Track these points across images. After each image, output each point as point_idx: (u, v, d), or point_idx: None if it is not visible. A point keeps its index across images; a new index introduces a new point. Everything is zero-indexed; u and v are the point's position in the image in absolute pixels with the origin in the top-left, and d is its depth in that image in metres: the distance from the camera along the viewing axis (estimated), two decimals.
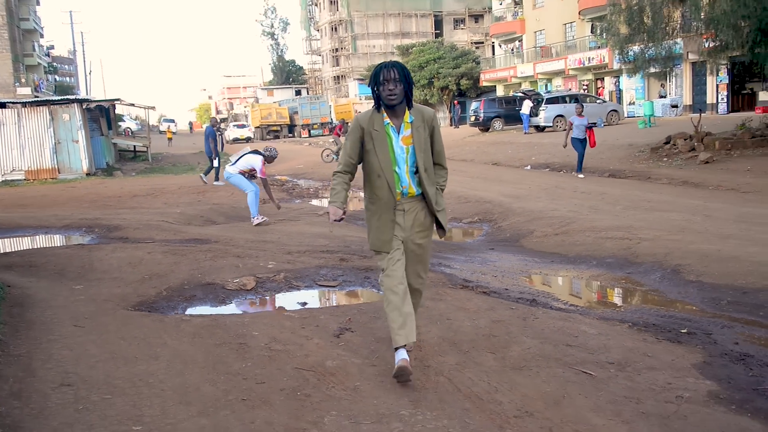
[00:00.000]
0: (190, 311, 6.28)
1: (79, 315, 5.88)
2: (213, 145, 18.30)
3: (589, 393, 3.91)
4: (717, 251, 7.27)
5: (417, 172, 4.18)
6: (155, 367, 4.52)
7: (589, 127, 15.93)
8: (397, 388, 4.06)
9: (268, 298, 6.77)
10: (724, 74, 29.33)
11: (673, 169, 16.08)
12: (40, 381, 4.28)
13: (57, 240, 10.94)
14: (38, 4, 56.39)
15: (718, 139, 17.62)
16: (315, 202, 16.11)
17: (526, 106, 29.91)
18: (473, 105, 34.97)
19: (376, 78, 4.09)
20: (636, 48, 17.22)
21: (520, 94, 33.09)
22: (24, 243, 10.67)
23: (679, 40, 21.85)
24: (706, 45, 17.90)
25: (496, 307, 5.80)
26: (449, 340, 4.95)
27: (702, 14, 15.42)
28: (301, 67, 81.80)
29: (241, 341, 5.03)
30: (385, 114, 4.16)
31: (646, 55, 16.99)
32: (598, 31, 19.10)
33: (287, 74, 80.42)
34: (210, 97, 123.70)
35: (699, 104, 31.51)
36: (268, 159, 10.94)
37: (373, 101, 4.18)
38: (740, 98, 30.60)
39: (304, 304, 6.46)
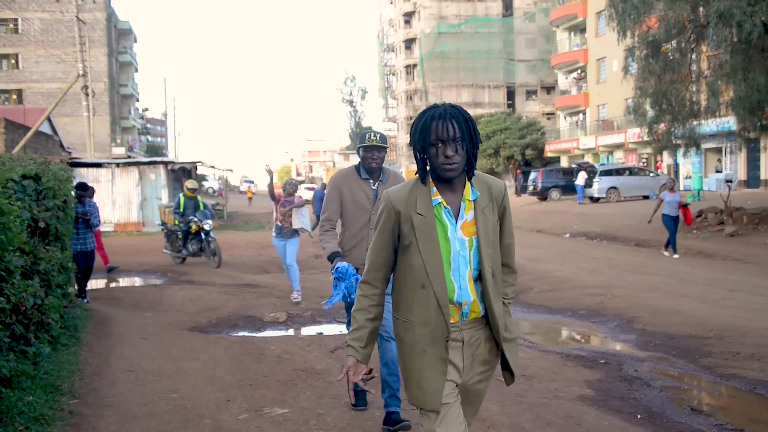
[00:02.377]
0: (230, 333, 8.06)
1: (145, 332, 7.76)
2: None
3: (492, 392, 5.45)
4: (668, 306, 8.64)
5: (481, 278, 2.63)
6: (194, 365, 6.28)
7: (684, 205, 14.74)
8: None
9: (293, 328, 8.48)
10: None
11: (699, 240, 17.13)
12: (113, 368, 6.11)
13: (136, 281, 13.02)
14: (136, 71, 61.22)
15: (746, 214, 18.61)
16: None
17: (581, 177, 31.19)
18: (532, 175, 36.42)
19: (424, 134, 2.59)
20: (662, 127, 18.50)
21: (576, 166, 34.40)
22: (110, 282, 12.79)
23: (731, 117, 22.86)
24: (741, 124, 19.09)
25: None
26: None
27: (720, 99, 16.69)
28: None
29: (260, 352, 6.75)
30: (434, 188, 2.64)
31: (672, 135, 18.27)
32: (630, 112, 20.36)
33: None
34: (292, 160, 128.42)
35: (753, 180, 32.14)
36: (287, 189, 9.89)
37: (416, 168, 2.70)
38: None
39: (320, 333, 8.14)
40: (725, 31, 14.83)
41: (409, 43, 72.89)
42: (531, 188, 35.95)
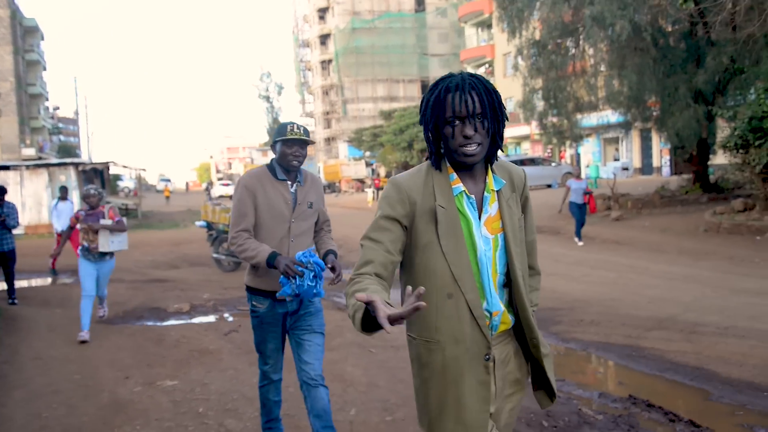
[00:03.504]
0: (135, 324, 8.70)
1: (54, 325, 8.34)
2: None
3: (357, 359, 6.30)
4: None
5: (509, 283, 2.25)
6: (98, 351, 6.94)
7: (588, 193, 15.13)
8: (243, 357, 6.47)
9: (195, 317, 9.17)
10: (665, 140, 32.05)
11: (587, 226, 18.53)
12: (21, 356, 6.73)
13: (48, 280, 13.40)
14: (45, 69, 59.83)
15: (631, 200, 20.16)
16: None
17: None
18: None
19: (437, 109, 2.16)
20: (551, 120, 19.90)
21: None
22: (22, 284, 13.12)
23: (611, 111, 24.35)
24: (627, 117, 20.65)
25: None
26: None
27: (599, 94, 18.15)
28: None
29: (160, 337, 7.44)
30: (454, 175, 2.22)
31: (559, 128, 19.69)
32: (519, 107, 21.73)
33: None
34: (211, 157, 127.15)
35: (647, 167, 34.23)
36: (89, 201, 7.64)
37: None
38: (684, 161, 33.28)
39: (218, 319, 8.86)
40: (600, 33, 16.16)
41: (324, 38, 73.47)
42: None
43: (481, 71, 52.16)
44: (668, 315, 7.57)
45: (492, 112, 2.13)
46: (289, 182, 3.84)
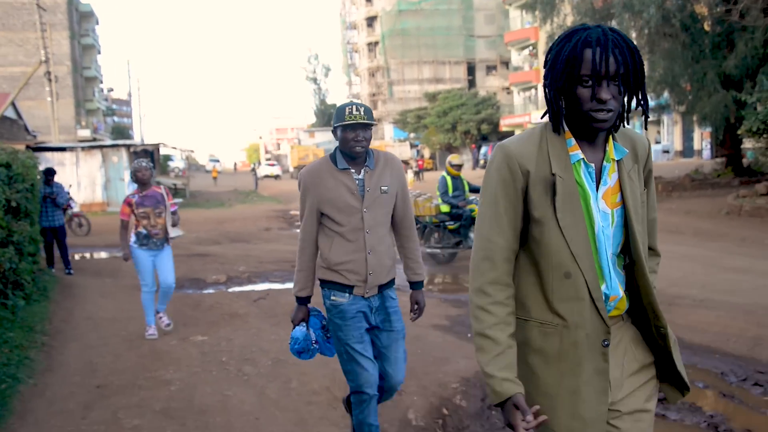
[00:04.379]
0: (177, 293, 9.62)
1: (105, 292, 9.32)
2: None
3: None
4: None
5: (631, 264, 2.02)
6: (142, 313, 7.85)
7: None
8: (267, 319, 7.31)
9: (230, 286, 10.06)
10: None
11: None
12: (76, 317, 7.70)
13: (102, 254, 14.50)
14: (99, 53, 61.69)
15: (662, 182, 20.49)
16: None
17: None
18: (483, 149, 38.21)
19: (571, 66, 1.87)
20: None
21: None
22: (77, 256, 14.25)
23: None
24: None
25: None
26: None
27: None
28: None
29: (197, 303, 8.35)
30: (573, 140, 1.97)
31: None
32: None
33: (328, 117, 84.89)
34: (260, 137, 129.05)
35: (687, 150, 34.18)
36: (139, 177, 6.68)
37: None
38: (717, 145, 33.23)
39: (251, 290, 9.74)
40: (630, 19, 16.55)
41: (370, 20, 74.01)
42: (482, 162, 37.71)
43: (524, 54, 52.20)
44: None
45: (634, 76, 1.87)
46: (353, 170, 3.47)
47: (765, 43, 16.66)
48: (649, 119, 1.99)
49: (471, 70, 72.30)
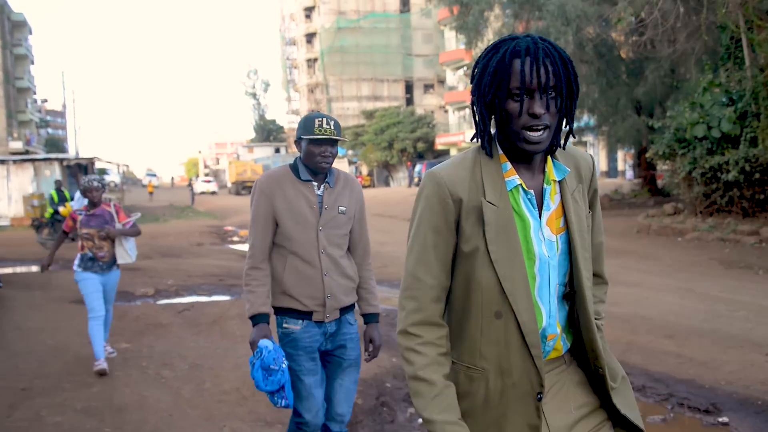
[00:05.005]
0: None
1: (33, 304, 9.62)
2: None
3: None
4: None
5: (572, 296, 1.86)
6: (69, 324, 8.23)
7: None
8: (189, 329, 7.77)
9: (158, 299, 10.45)
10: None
11: None
12: (2, 327, 8.02)
13: (32, 268, 14.66)
14: (33, 63, 60.76)
15: None
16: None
17: None
18: (417, 167, 39.11)
19: (499, 77, 1.71)
20: None
21: None
22: (6, 270, 14.39)
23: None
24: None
25: None
26: None
27: None
28: (281, 126, 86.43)
29: (123, 314, 8.73)
30: (508, 164, 1.80)
31: None
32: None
33: (268, 132, 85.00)
34: (199, 152, 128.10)
35: (612, 170, 35.73)
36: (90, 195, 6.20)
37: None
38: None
39: (178, 302, 10.16)
40: None
41: (310, 37, 74.63)
42: (417, 179, 38.60)
43: (459, 74, 53.57)
44: None
45: (567, 87, 1.71)
46: (315, 183, 3.29)
47: (672, 72, 17.86)
48: (571, 138, 1.82)
49: (409, 88, 73.47)
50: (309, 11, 74.33)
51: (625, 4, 15.71)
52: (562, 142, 1.83)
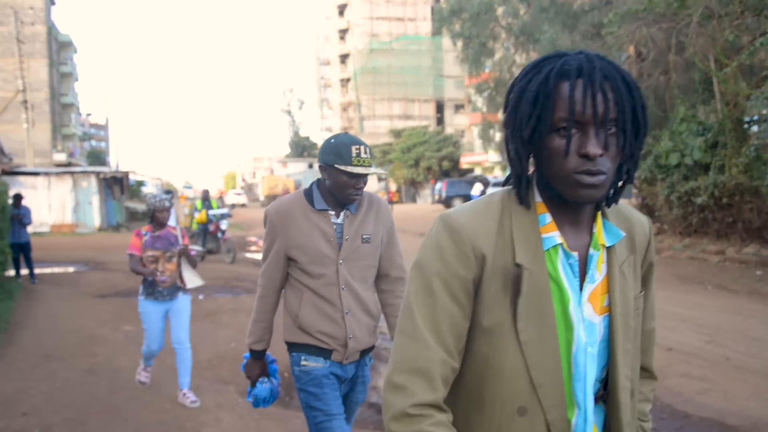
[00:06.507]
0: (119, 299, 11.58)
1: (62, 297, 11.25)
2: None
3: None
4: None
5: (608, 396, 1.43)
6: (90, 312, 9.81)
7: None
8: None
9: None
10: None
11: None
12: (34, 313, 9.64)
13: (69, 269, 16.41)
14: (77, 80, 63.62)
15: None
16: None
17: (476, 189, 35.21)
18: (437, 185, 40.47)
19: (541, 104, 1.29)
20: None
21: (472, 178, 38.62)
22: (44, 270, 16.15)
23: None
24: None
25: None
26: None
27: None
28: (315, 143, 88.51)
29: (134, 304, 10.31)
30: (548, 216, 1.38)
31: None
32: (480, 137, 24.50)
33: (302, 148, 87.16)
34: (238, 166, 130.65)
35: None
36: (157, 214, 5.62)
37: None
38: None
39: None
40: None
41: (343, 57, 76.71)
42: (436, 197, 39.97)
43: (485, 95, 54.96)
44: None
45: (634, 121, 1.31)
46: (332, 212, 2.92)
47: (661, 103, 19.06)
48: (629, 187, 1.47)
49: (440, 107, 74.84)
50: (343, 33, 76.48)
51: (613, 39, 16.99)
52: (614, 192, 1.41)
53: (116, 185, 30.02)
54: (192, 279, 5.77)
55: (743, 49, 14.33)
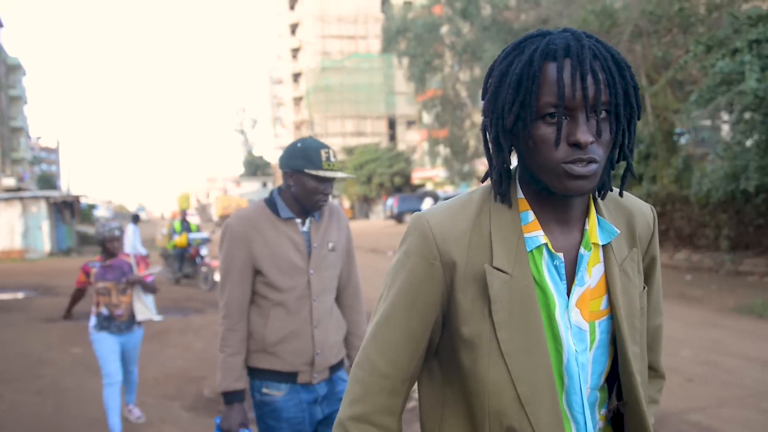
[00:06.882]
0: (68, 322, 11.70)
1: (10, 323, 11.35)
2: None
3: None
4: None
5: (627, 402, 1.29)
6: (35, 335, 9.94)
7: None
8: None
9: None
10: None
11: None
12: None
13: (18, 295, 16.39)
14: (26, 103, 62.86)
15: None
16: None
17: (426, 203, 35.81)
18: (389, 201, 40.96)
19: (525, 88, 1.15)
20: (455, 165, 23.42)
21: (422, 194, 39.22)
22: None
23: None
24: None
25: None
26: None
27: None
28: (268, 162, 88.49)
29: (82, 329, 10.49)
30: (530, 214, 1.24)
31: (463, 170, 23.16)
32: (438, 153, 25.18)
33: (255, 167, 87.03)
34: (191, 187, 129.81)
35: None
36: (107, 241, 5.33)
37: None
38: None
39: None
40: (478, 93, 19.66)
41: (296, 76, 77.07)
42: (388, 213, 40.43)
43: (434, 112, 55.80)
44: None
45: (627, 105, 1.18)
46: (298, 220, 2.79)
47: None
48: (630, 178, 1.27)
49: (392, 124, 75.50)
50: (295, 52, 76.93)
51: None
52: (610, 182, 1.28)
53: (67, 209, 29.81)
54: (142, 311, 5.42)
55: (672, 64, 15.09)
